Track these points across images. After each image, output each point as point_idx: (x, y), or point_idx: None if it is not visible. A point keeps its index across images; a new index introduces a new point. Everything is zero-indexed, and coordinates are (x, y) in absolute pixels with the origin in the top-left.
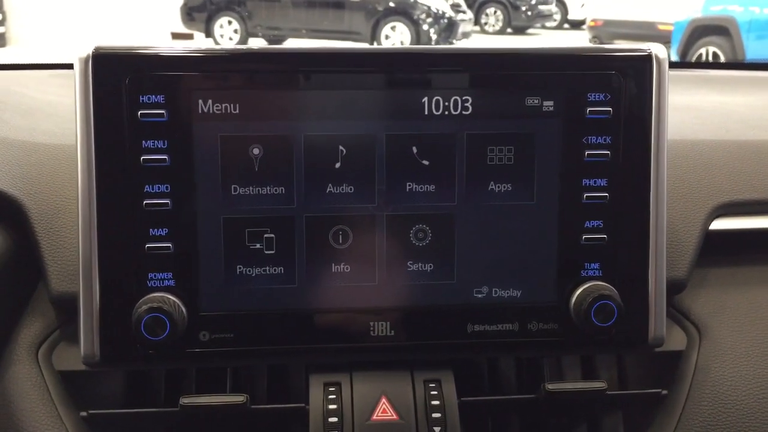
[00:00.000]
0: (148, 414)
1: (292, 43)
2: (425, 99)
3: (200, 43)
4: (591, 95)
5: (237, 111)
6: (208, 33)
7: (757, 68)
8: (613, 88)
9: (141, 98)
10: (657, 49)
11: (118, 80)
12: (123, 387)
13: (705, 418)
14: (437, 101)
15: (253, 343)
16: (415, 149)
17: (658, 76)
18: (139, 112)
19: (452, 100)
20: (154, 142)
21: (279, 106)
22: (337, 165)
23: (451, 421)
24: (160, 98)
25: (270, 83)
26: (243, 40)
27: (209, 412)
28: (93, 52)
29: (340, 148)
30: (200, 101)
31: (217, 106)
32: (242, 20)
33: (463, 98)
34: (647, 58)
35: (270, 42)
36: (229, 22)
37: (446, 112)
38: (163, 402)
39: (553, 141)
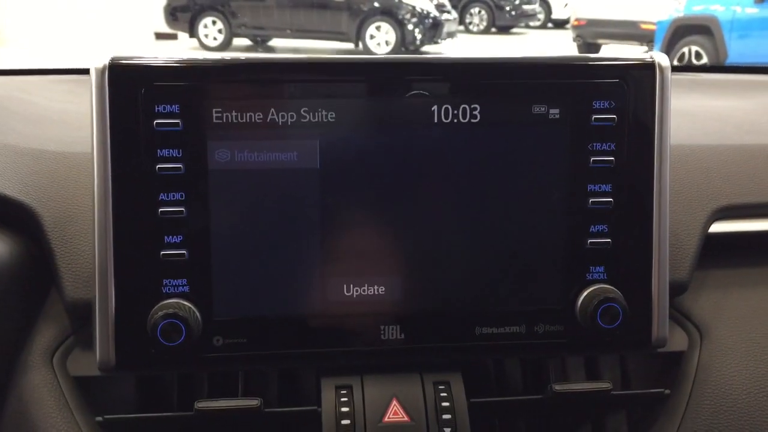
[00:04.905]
0: (164, 418)
1: (277, 43)
2: (434, 107)
3: (203, 51)
4: (596, 103)
5: (252, 120)
6: (192, 33)
7: (747, 71)
8: (617, 96)
9: (156, 108)
10: (660, 58)
11: (134, 90)
12: (136, 392)
13: (707, 417)
14: (446, 109)
15: (266, 348)
16: (424, 156)
17: (661, 84)
18: (155, 122)
19: (461, 109)
20: (169, 151)
21: (296, 114)
22: (351, 172)
23: (461, 421)
24: (176, 108)
25: (287, 92)
26: (227, 40)
27: (224, 415)
28: (109, 63)
29: (355, 155)
30: (215, 111)
31: (233, 116)
32: (226, 20)
33: (472, 106)
34: (651, 67)
35: (254, 42)
36: (213, 22)
37: (455, 120)
38: (176, 406)
39: (559, 148)
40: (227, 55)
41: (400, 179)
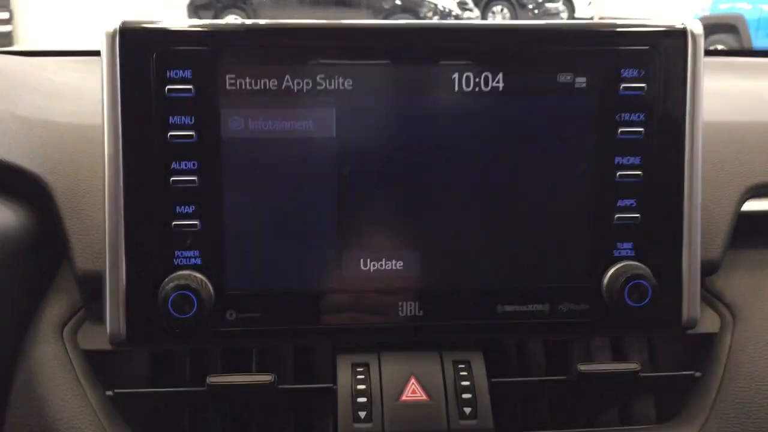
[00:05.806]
0: (175, 393)
1: None
2: (456, 75)
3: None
4: (624, 71)
5: (266, 87)
6: None
7: None
8: (647, 64)
9: (168, 73)
10: (692, 25)
11: (146, 55)
12: (148, 366)
13: (741, 401)
14: (468, 77)
15: (280, 323)
16: (445, 126)
17: (693, 52)
18: (166, 88)
19: (483, 77)
20: (181, 118)
21: (312, 81)
22: (369, 142)
23: (481, 401)
24: (188, 73)
25: (302, 58)
26: None
27: (236, 391)
28: (120, 27)
29: (372, 124)
30: (228, 77)
31: (247, 82)
32: (248, 17)
33: (494, 75)
34: (683, 34)
35: None
36: (235, 20)
37: (477, 89)
38: (189, 381)
39: (586, 118)
40: (242, 20)
41: (419, 149)
